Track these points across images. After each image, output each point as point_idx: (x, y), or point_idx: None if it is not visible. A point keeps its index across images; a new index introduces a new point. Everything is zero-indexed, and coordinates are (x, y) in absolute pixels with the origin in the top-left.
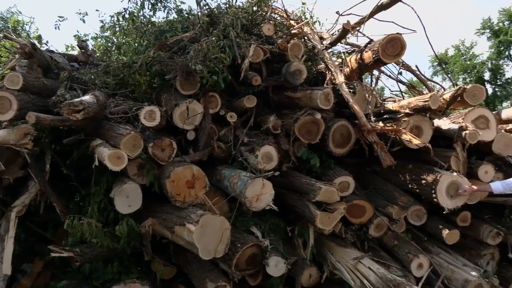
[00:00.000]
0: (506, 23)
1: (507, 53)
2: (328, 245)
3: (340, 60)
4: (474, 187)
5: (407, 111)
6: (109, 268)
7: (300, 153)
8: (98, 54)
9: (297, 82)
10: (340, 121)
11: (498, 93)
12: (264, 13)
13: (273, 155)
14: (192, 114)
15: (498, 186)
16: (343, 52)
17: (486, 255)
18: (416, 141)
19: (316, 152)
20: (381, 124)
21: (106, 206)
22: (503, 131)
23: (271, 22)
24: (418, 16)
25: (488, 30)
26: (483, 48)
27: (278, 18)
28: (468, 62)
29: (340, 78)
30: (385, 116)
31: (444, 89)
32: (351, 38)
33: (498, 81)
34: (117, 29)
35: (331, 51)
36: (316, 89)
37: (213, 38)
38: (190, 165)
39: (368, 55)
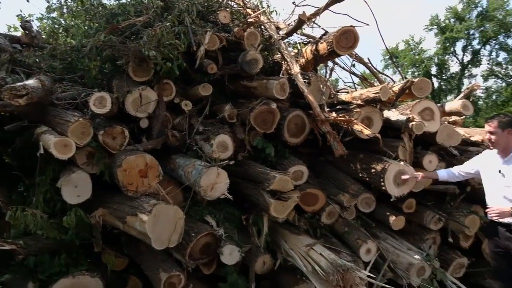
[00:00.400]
0: (452, 20)
1: (452, 49)
2: (282, 232)
3: (296, 50)
4: (422, 174)
5: (359, 102)
6: (56, 261)
7: (255, 142)
8: (43, 36)
9: (253, 71)
10: (295, 111)
11: (443, 87)
12: (220, 0)
13: (229, 144)
14: (146, 101)
15: (444, 174)
16: (299, 43)
17: (428, 239)
18: (367, 132)
19: (271, 141)
20: (334, 114)
21: (53, 196)
22: (446, 122)
23: (227, 9)
24: (371, 10)
25: (435, 27)
26: (431, 44)
27: (235, 6)
28: (417, 57)
29: (296, 69)
30: (338, 107)
31: (394, 82)
32: (306, 29)
33: (443, 75)
34: (65, 10)
35: (287, 42)
36: (272, 79)
37: (168, 24)
38: (143, 153)
39: (323, 47)
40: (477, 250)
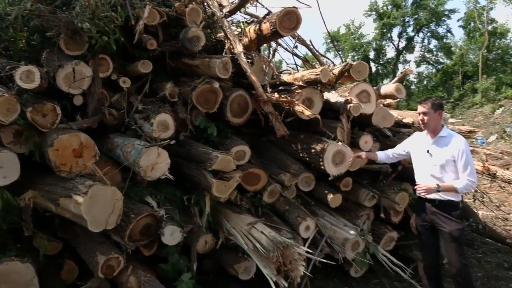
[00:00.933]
0: (390, 7)
1: (389, 35)
2: (224, 212)
3: (239, 29)
4: (365, 153)
5: (300, 83)
6: None
7: (197, 122)
8: None
9: (195, 49)
10: (238, 91)
11: (380, 71)
12: None
13: (170, 123)
14: (80, 77)
15: (382, 155)
16: (242, 22)
17: (363, 215)
18: (307, 113)
19: (214, 121)
20: (276, 95)
21: None
22: (381, 105)
23: None
24: None
25: (374, 13)
26: (370, 29)
27: None
28: (357, 41)
29: (239, 48)
30: (280, 88)
31: (335, 65)
32: (250, 8)
33: (380, 60)
34: None
35: (230, 20)
36: (214, 58)
37: None
38: (77, 132)
39: (266, 27)
40: (406, 225)
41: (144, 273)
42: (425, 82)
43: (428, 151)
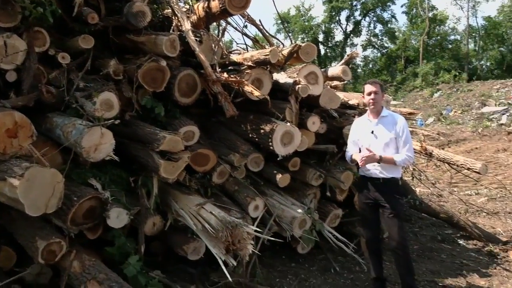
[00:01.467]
0: None
1: (337, 18)
2: (173, 193)
3: (187, 6)
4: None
5: (249, 63)
6: None
7: (144, 102)
8: None
9: (140, 25)
10: (186, 70)
11: (329, 54)
12: None
13: (114, 102)
14: (12, 51)
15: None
16: None
17: (310, 194)
18: (257, 93)
19: (162, 101)
20: (225, 75)
21: None
22: (328, 87)
23: None
24: None
25: None
26: (319, 12)
27: None
28: (306, 23)
29: (187, 25)
30: (229, 68)
31: (284, 46)
32: None
33: (329, 43)
34: None
35: None
36: (161, 35)
37: None
38: (11, 111)
39: (215, 4)
40: (350, 203)
41: (89, 257)
42: (370, 66)
43: (372, 132)
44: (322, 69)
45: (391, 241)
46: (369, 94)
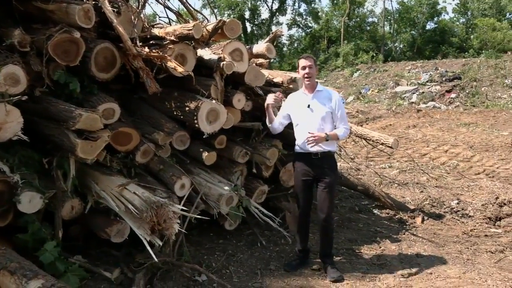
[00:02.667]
0: None
1: None
2: (92, 174)
3: None
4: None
5: (172, 38)
6: None
7: (56, 76)
8: None
9: None
10: (103, 43)
11: (255, 32)
12: None
13: (20, 76)
14: None
15: (275, 126)
16: None
17: (236, 172)
18: (180, 69)
19: (77, 76)
20: (147, 49)
21: None
22: (254, 64)
23: None
24: None
25: None
26: None
27: None
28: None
29: None
30: (151, 42)
31: (209, 21)
32: None
33: (255, 20)
34: None
35: None
36: (73, 3)
37: None
38: None
39: None
40: (275, 178)
41: None
42: (295, 45)
43: (309, 106)
44: (247, 46)
45: (320, 214)
46: (304, 68)
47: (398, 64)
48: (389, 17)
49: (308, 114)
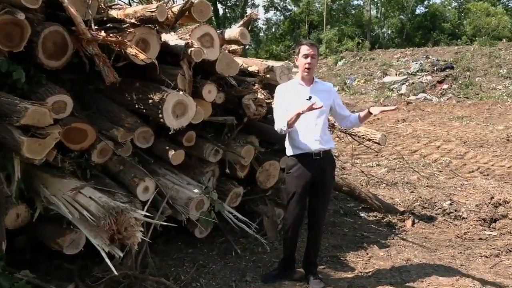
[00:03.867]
0: None
1: None
2: (41, 177)
3: None
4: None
5: (133, 21)
6: None
7: None
8: None
9: None
10: (52, 26)
11: (228, 15)
12: None
13: None
14: None
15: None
16: None
17: (208, 172)
18: (142, 56)
19: (22, 64)
20: (103, 33)
21: None
22: (226, 51)
23: None
24: None
25: None
26: None
27: None
28: None
29: None
30: (108, 25)
31: (174, 2)
32: None
33: (228, 2)
34: None
35: None
36: None
37: None
38: None
39: None
40: (252, 179)
41: None
42: (273, 30)
43: (310, 98)
44: (219, 31)
45: (312, 220)
46: (306, 56)
47: (386, 51)
48: (375, 0)
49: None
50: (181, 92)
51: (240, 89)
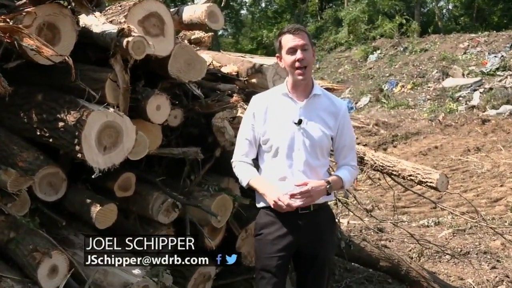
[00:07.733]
0: None
1: None
2: None
3: None
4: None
5: None
6: None
7: None
8: None
9: None
10: None
11: None
12: None
13: None
14: None
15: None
16: None
17: None
18: (48, 51)
19: None
20: None
21: None
22: (186, 41)
23: None
24: None
25: None
26: None
27: None
28: None
29: None
30: None
31: None
32: None
33: None
34: None
35: None
36: None
37: None
38: None
39: None
40: (230, 247)
41: None
42: (263, 5)
43: (300, 123)
44: (173, 10)
45: None
46: (293, 51)
47: (446, 38)
48: None
49: (297, 136)
50: (111, 109)
51: (209, 103)
